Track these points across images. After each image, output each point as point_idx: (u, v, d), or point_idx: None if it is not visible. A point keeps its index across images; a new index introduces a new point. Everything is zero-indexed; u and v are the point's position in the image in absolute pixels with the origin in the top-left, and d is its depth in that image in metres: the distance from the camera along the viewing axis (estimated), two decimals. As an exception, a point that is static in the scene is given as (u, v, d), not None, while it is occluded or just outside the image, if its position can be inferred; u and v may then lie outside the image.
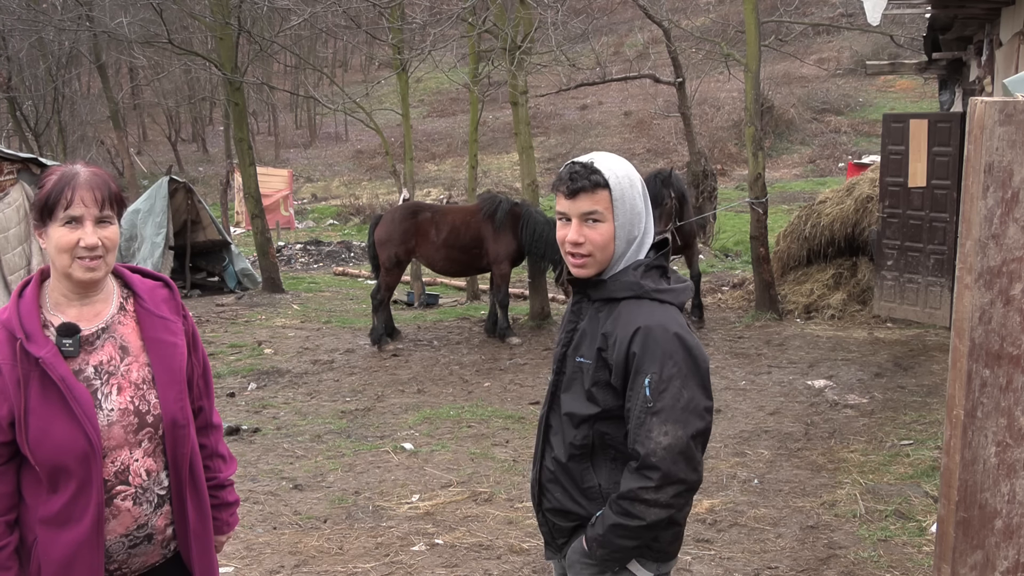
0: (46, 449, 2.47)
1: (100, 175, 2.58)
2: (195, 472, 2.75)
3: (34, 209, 2.55)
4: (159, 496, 2.66)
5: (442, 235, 11.01)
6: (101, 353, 2.60)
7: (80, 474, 2.50)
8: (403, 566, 5.17)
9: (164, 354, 2.67)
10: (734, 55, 13.03)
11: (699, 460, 2.51)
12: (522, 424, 7.85)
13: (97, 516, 2.52)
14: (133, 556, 2.66)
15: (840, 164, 29.94)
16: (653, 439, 2.46)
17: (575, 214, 2.59)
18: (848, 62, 38.22)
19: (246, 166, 16.19)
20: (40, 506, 2.54)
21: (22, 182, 11.47)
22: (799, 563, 5.09)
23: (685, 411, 2.47)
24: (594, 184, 2.56)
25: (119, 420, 2.57)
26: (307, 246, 23.37)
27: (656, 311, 2.54)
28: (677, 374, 2.47)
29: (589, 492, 2.64)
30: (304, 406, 8.63)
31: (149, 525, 2.65)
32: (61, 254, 2.51)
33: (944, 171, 10.59)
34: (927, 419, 7.55)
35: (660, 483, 2.47)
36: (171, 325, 2.72)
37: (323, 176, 38.05)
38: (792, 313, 11.94)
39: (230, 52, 15.82)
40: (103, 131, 36.84)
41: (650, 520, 2.50)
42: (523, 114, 12.63)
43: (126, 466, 2.59)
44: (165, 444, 2.66)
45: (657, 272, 2.63)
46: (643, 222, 2.62)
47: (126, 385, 2.60)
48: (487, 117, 32.84)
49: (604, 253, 2.60)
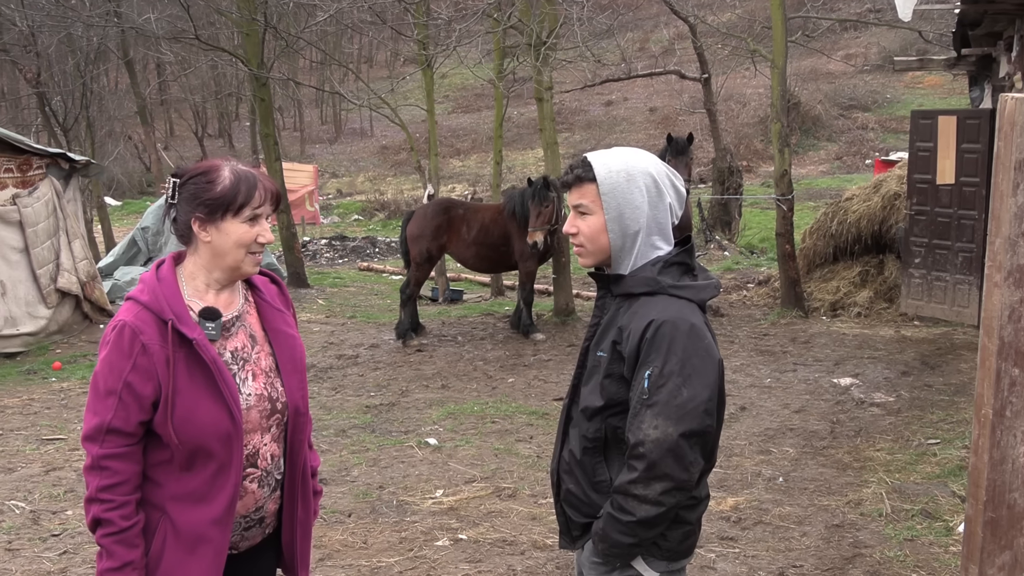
0: (191, 429, 2.53)
1: (263, 174, 2.69)
2: (305, 461, 2.85)
3: (204, 204, 2.59)
4: (276, 480, 2.76)
5: (472, 232, 11.07)
6: (236, 340, 2.70)
7: (221, 455, 2.57)
8: (427, 561, 5.19)
9: (285, 344, 2.78)
10: (760, 51, 12.96)
11: (691, 460, 2.48)
12: (546, 420, 7.85)
13: (232, 496, 2.60)
14: (245, 538, 2.75)
15: (867, 161, 29.75)
16: (643, 430, 2.47)
17: (571, 206, 2.70)
18: (876, 58, 37.92)
19: (272, 161, 16.26)
20: (172, 484, 2.60)
21: (51, 177, 11.57)
22: (824, 562, 5.07)
23: (680, 409, 2.45)
24: (578, 178, 2.66)
25: (256, 405, 2.66)
26: (332, 241, 23.45)
27: (671, 306, 2.55)
28: (679, 371, 2.47)
29: (600, 486, 2.66)
30: (329, 401, 8.67)
31: (263, 509, 2.74)
32: (238, 248, 2.62)
33: (973, 168, 10.48)
34: (954, 418, 7.49)
35: (647, 477, 2.47)
36: (286, 317, 2.84)
37: (348, 172, 38.19)
38: (818, 310, 11.87)
39: (256, 48, 15.88)
40: (131, 126, 37.09)
41: (640, 516, 2.50)
42: (548, 110, 12.61)
43: (256, 450, 2.68)
44: (287, 431, 2.75)
45: (678, 268, 2.64)
46: (643, 217, 2.62)
47: (259, 372, 2.70)
48: (512, 113, 32.81)
49: (595, 244, 2.66)
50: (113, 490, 2.54)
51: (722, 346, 10.12)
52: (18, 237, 10.97)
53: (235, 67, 27.98)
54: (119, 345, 2.55)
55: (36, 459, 7.10)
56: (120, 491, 2.54)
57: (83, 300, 11.81)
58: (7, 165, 11.05)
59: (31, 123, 30.41)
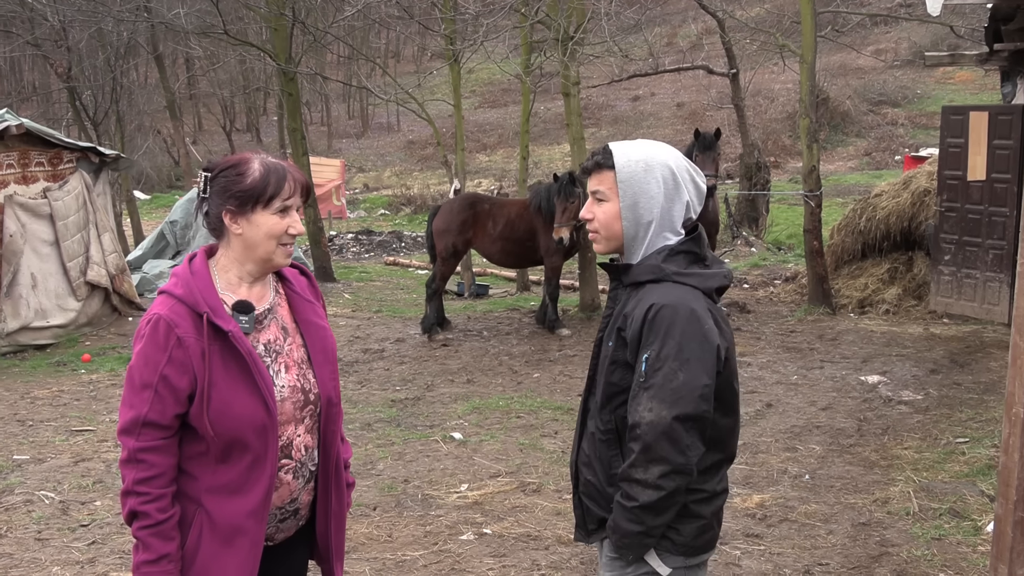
0: (227, 421, 2.55)
1: (293, 166, 2.69)
2: (338, 452, 2.87)
3: (235, 197, 2.61)
4: (310, 472, 2.77)
5: (498, 227, 11.08)
6: (268, 332, 2.71)
7: (257, 446, 2.59)
8: (451, 555, 5.20)
9: (317, 336, 2.79)
10: (789, 46, 12.88)
11: (687, 444, 2.49)
12: (571, 415, 7.85)
13: (268, 487, 2.62)
14: (280, 530, 2.77)
15: (897, 157, 29.48)
16: (639, 413, 2.51)
17: (589, 192, 2.75)
18: (906, 53, 37.54)
19: (299, 156, 16.33)
20: (207, 476, 2.62)
21: (81, 170, 11.67)
22: (850, 560, 5.04)
23: (675, 393, 2.47)
24: (597, 164, 2.71)
25: (289, 396, 2.67)
26: (358, 235, 23.53)
27: (673, 291, 2.57)
28: (676, 355, 2.49)
29: (615, 479, 2.66)
30: (354, 394, 8.70)
31: (298, 500, 2.76)
32: (269, 240, 2.63)
33: (1005, 164, 10.38)
34: (984, 417, 7.42)
35: (644, 460, 2.49)
36: (317, 309, 2.85)
37: (375, 166, 38.27)
38: (846, 307, 11.79)
39: (284, 43, 15.95)
40: (160, 121, 37.38)
41: (643, 501, 2.51)
42: (575, 105, 12.59)
43: (291, 441, 2.69)
44: (320, 422, 2.77)
45: (685, 257, 2.65)
46: (658, 208, 2.65)
47: (291, 364, 2.71)
48: (538, 108, 32.80)
49: (608, 231, 2.71)
50: (149, 483, 2.55)
51: (748, 342, 10.08)
52: (48, 230, 11.08)
53: (263, 62, 28.08)
54: (154, 338, 2.56)
55: (66, 450, 7.18)
56: (156, 484, 2.56)
57: (112, 293, 11.92)
58: (38, 159, 11.16)
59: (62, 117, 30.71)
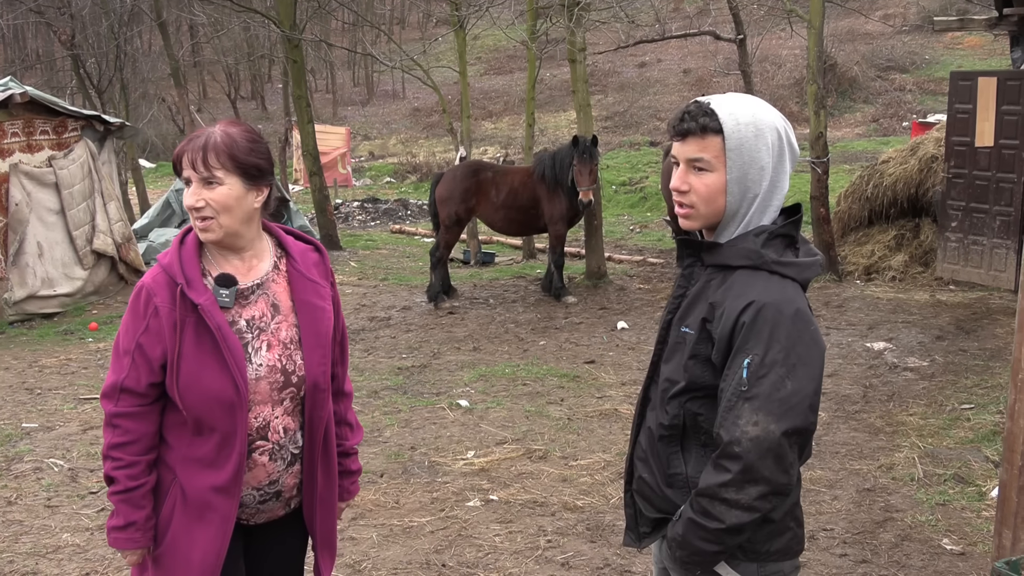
0: (195, 395, 2.53)
1: (226, 135, 2.56)
2: (328, 437, 2.80)
3: None
4: (292, 455, 2.71)
5: (501, 195, 11.03)
6: (254, 308, 2.65)
7: (225, 423, 2.55)
8: (458, 521, 5.23)
9: (312, 317, 2.71)
10: (797, 11, 12.76)
11: (791, 462, 2.19)
12: (577, 383, 7.87)
13: (238, 466, 2.58)
14: (260, 511, 2.73)
15: (904, 123, 29.30)
16: (740, 427, 2.17)
17: (682, 158, 2.34)
18: (915, 18, 37.24)
19: (304, 123, 16.29)
20: (183, 447, 2.61)
21: (86, 139, 11.65)
22: (855, 525, 5.06)
23: (784, 404, 2.16)
24: (702, 127, 2.29)
25: (266, 376, 2.61)
26: (364, 204, 23.50)
27: (774, 286, 2.24)
28: (783, 360, 2.17)
29: (673, 480, 2.39)
30: (361, 362, 8.73)
31: (280, 482, 2.71)
32: (190, 212, 2.58)
33: (1013, 131, 10.32)
34: (989, 383, 7.43)
35: (742, 480, 2.17)
36: (320, 289, 2.76)
37: (380, 134, 38.14)
38: (852, 274, 11.78)
39: (289, 9, 15.87)
40: (164, 88, 37.20)
41: (730, 523, 2.20)
42: (581, 71, 12.52)
43: (267, 422, 2.64)
44: (304, 405, 2.71)
45: (783, 241, 2.35)
46: (767, 179, 2.34)
47: (275, 343, 2.65)
48: (544, 75, 32.61)
49: (710, 207, 2.33)
50: (122, 448, 2.57)
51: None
52: (54, 199, 11.08)
53: (268, 29, 27.97)
54: (135, 307, 2.58)
55: (74, 418, 7.22)
56: (129, 450, 2.57)
57: (118, 261, 11.93)
58: (43, 127, 11.14)
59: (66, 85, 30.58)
